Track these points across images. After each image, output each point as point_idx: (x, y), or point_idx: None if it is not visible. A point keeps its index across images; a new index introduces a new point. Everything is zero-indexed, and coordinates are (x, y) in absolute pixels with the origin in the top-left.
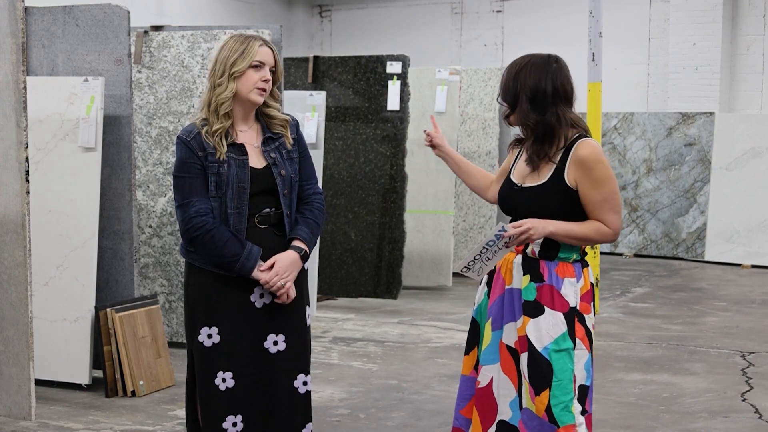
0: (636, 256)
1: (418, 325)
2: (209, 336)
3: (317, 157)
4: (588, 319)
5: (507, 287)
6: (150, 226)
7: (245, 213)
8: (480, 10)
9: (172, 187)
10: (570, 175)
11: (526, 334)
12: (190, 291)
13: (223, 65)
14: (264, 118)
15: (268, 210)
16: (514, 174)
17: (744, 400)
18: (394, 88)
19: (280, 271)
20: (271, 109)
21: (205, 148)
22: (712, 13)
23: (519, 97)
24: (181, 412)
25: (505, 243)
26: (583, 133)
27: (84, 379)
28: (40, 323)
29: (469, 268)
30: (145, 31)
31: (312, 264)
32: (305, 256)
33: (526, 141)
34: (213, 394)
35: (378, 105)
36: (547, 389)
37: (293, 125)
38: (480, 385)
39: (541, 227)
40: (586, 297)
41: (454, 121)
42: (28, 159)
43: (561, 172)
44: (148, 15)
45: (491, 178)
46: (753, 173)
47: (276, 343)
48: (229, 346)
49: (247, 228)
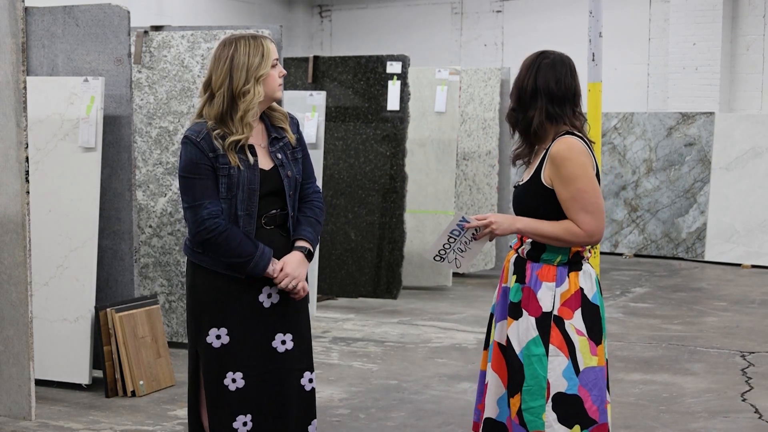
0: (636, 256)
1: (418, 325)
2: (218, 337)
3: (317, 157)
4: (569, 325)
5: (503, 285)
6: (150, 226)
7: (255, 214)
8: (480, 10)
9: (177, 187)
10: (545, 173)
11: (508, 334)
12: (198, 292)
13: (245, 71)
14: (267, 111)
15: (275, 211)
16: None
17: (744, 400)
18: (394, 88)
19: (290, 272)
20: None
21: (215, 150)
22: (712, 13)
23: (512, 96)
24: (182, 412)
25: (472, 235)
26: (570, 131)
27: (84, 379)
28: (40, 323)
29: (442, 257)
30: (145, 31)
31: (312, 264)
32: (310, 255)
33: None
34: (222, 395)
35: (378, 105)
36: (519, 393)
37: (294, 123)
38: (486, 381)
39: (506, 223)
40: (570, 302)
41: (454, 121)
42: (28, 159)
43: (539, 170)
44: (148, 15)
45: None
46: (753, 173)
47: (284, 342)
48: (238, 347)
49: (255, 229)
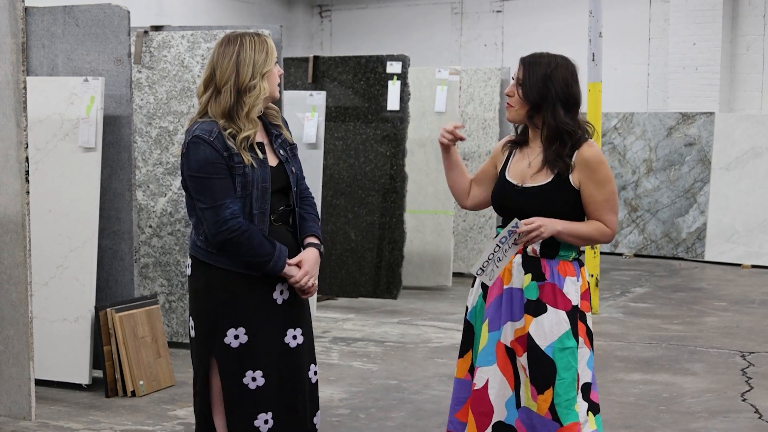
0: (636, 256)
1: (418, 325)
2: (236, 337)
3: (317, 157)
4: (588, 318)
5: (505, 287)
6: (150, 226)
7: (268, 212)
8: (480, 10)
9: (177, 187)
10: (575, 175)
11: (529, 332)
12: (212, 293)
13: (251, 67)
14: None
15: (283, 207)
16: (511, 174)
17: (744, 400)
18: (394, 88)
19: (309, 269)
20: None
21: (229, 149)
22: (712, 13)
23: (549, 99)
24: (182, 412)
25: (514, 240)
26: (584, 135)
27: (84, 379)
28: (40, 323)
29: (483, 270)
30: (145, 31)
31: None
32: (322, 252)
33: (530, 142)
34: (243, 394)
35: (378, 105)
36: (551, 388)
37: (284, 120)
38: (475, 387)
39: (550, 226)
40: (586, 295)
41: (454, 121)
42: (28, 159)
43: (567, 172)
44: (148, 15)
45: (470, 181)
46: (753, 173)
47: (295, 337)
48: (257, 345)
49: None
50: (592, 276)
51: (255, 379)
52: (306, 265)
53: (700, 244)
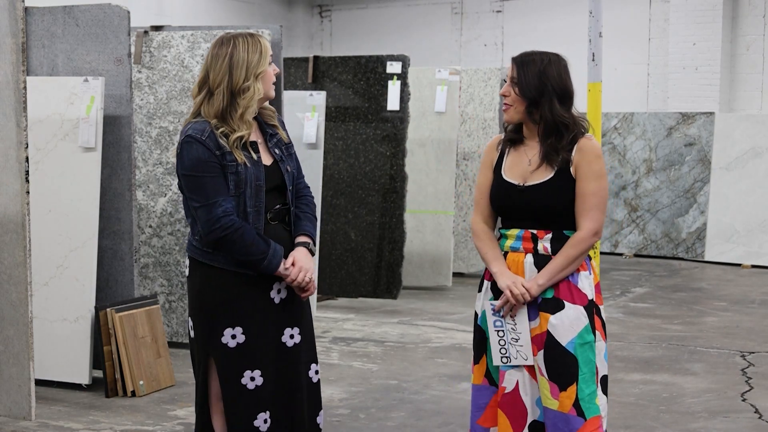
0: (636, 256)
1: (418, 325)
2: (233, 337)
3: (317, 157)
4: (602, 310)
5: None
6: (150, 226)
7: (263, 211)
8: (480, 10)
9: (177, 187)
10: (574, 168)
11: (548, 330)
12: (209, 293)
13: (245, 68)
14: (258, 109)
15: (279, 206)
16: (508, 174)
17: (744, 400)
18: (394, 88)
19: (304, 266)
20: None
21: (221, 147)
22: (712, 13)
23: (546, 94)
24: (182, 412)
25: (510, 316)
26: (581, 128)
27: (84, 379)
28: (40, 323)
29: (509, 358)
30: (145, 31)
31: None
32: (312, 250)
33: (527, 140)
34: (241, 394)
35: (378, 105)
36: (574, 384)
37: (281, 121)
38: (506, 391)
39: (533, 284)
40: (598, 288)
41: (454, 121)
42: (28, 159)
43: (567, 165)
44: (148, 15)
45: (491, 222)
46: (753, 173)
47: (292, 336)
48: (254, 345)
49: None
50: None
51: (254, 378)
52: (299, 262)
53: (700, 244)
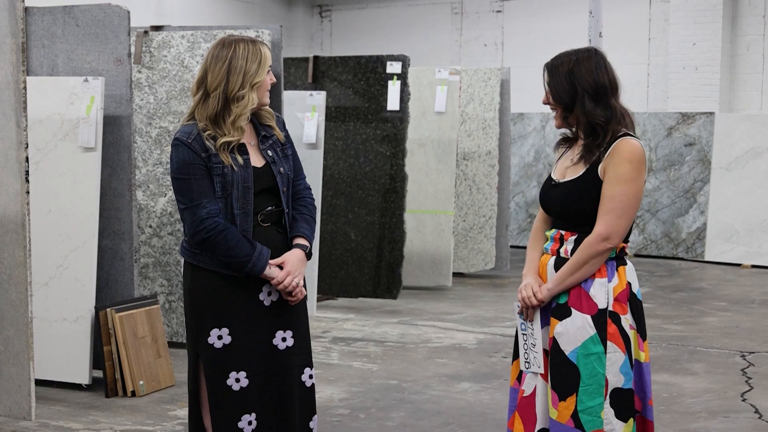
0: (636, 256)
1: (418, 325)
2: (219, 337)
3: (317, 157)
4: (624, 320)
5: None
6: (150, 226)
7: (251, 212)
8: (480, 10)
9: (173, 189)
10: (602, 168)
11: (554, 336)
12: (197, 293)
13: (242, 76)
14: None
15: (271, 208)
16: (555, 172)
17: (744, 400)
18: (394, 88)
19: (292, 270)
20: None
21: (207, 149)
22: (712, 13)
23: (578, 95)
24: (182, 412)
25: (526, 318)
26: (628, 132)
27: (84, 379)
28: (40, 323)
29: (530, 364)
30: (145, 31)
31: (312, 264)
32: (310, 253)
33: (581, 139)
34: (226, 395)
35: (378, 105)
36: (574, 395)
37: (281, 122)
38: (524, 394)
39: (544, 290)
40: (622, 296)
41: (454, 121)
42: (28, 159)
43: (596, 165)
44: (148, 15)
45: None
46: (753, 173)
47: (284, 339)
48: (240, 346)
49: (252, 227)
50: None
51: (239, 380)
52: (288, 265)
53: (700, 244)
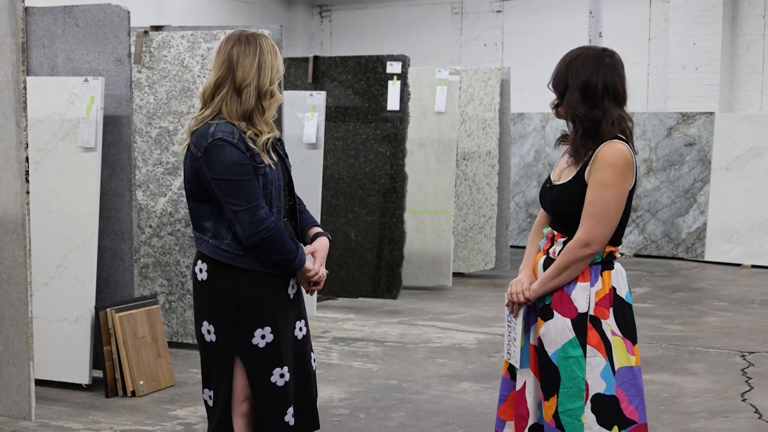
0: (636, 256)
1: (418, 325)
2: (263, 337)
3: (317, 157)
4: (605, 325)
5: None
6: (150, 226)
7: (282, 210)
8: (480, 10)
9: (177, 187)
10: (588, 172)
11: (540, 336)
12: (239, 296)
13: (270, 71)
14: None
15: (291, 203)
16: (554, 171)
17: (744, 400)
18: (394, 88)
19: (322, 261)
20: None
21: (251, 150)
22: (712, 13)
23: (569, 87)
24: (182, 412)
25: (509, 311)
26: (619, 136)
27: (84, 379)
28: (40, 323)
29: (510, 354)
30: (145, 31)
31: None
32: (331, 239)
33: (571, 136)
34: (273, 392)
35: (378, 105)
36: (555, 395)
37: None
38: (516, 389)
39: (532, 289)
40: (605, 301)
41: (454, 121)
42: (28, 159)
43: (584, 170)
44: (148, 15)
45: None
46: (753, 173)
47: (301, 329)
48: (280, 342)
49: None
50: None
51: (283, 375)
52: (319, 256)
53: (700, 244)
